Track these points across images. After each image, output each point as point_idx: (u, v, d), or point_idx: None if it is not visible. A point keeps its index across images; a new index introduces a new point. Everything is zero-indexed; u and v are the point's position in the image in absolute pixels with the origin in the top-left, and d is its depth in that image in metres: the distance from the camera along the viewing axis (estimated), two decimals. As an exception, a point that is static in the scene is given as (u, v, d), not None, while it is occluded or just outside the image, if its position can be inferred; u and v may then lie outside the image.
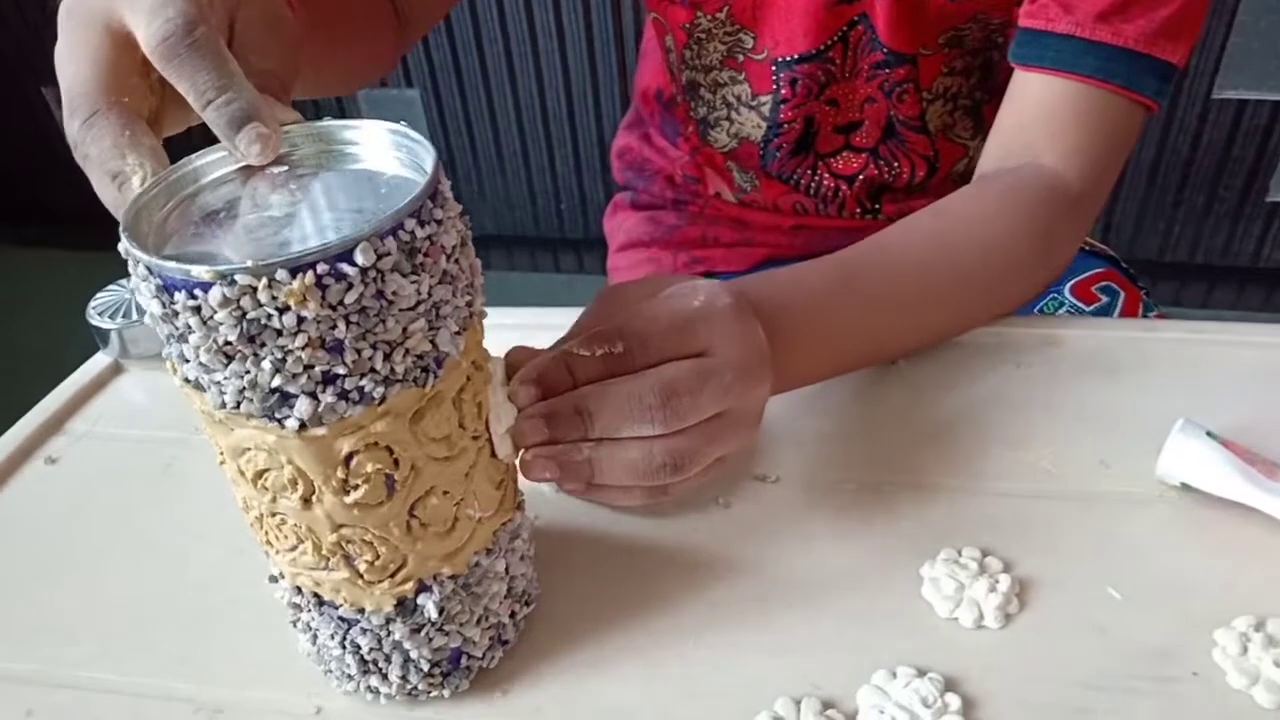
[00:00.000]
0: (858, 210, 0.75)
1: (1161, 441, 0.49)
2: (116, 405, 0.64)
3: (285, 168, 0.36)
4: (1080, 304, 0.71)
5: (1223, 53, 1.49)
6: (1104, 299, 0.72)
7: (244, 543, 0.38)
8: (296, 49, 0.41)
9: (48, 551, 0.53)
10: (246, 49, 0.38)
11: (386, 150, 0.36)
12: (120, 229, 0.32)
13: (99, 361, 0.66)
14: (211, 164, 0.36)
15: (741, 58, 0.69)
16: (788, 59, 0.67)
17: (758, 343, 0.44)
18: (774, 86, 0.69)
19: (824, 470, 0.53)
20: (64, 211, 2.01)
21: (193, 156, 0.36)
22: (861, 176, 0.72)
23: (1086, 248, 0.78)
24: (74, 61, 0.36)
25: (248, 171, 0.36)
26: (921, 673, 0.41)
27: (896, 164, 0.70)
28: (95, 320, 0.64)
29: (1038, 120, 0.58)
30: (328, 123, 0.37)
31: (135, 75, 0.37)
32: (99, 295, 0.66)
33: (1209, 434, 0.48)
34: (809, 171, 0.72)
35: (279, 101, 0.37)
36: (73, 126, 0.36)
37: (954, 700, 0.40)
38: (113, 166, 0.35)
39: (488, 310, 0.39)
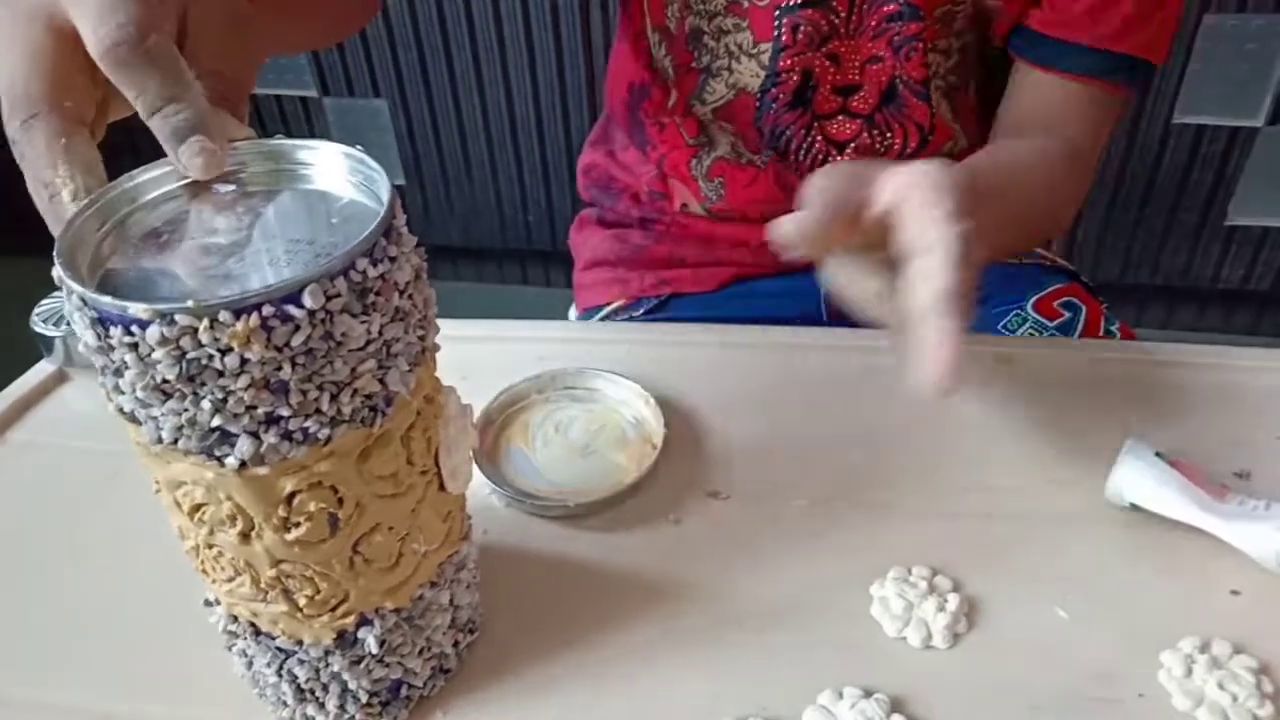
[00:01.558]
0: None
1: (1111, 462, 0.49)
2: (59, 415, 0.62)
3: (233, 187, 0.35)
4: (1043, 319, 0.72)
5: (1182, 78, 1.51)
6: (1066, 314, 0.73)
7: (183, 559, 0.37)
8: (255, 46, 0.40)
9: (-21, 559, 0.51)
10: (199, 48, 0.36)
11: (341, 173, 0.35)
12: (54, 253, 0.30)
13: (42, 370, 0.64)
14: (153, 180, 0.34)
15: (746, 3, 0.68)
16: (791, 4, 0.67)
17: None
18: (775, 33, 0.68)
19: (776, 488, 0.52)
20: (6, 215, 1.98)
21: (134, 172, 0.34)
22: (854, 144, 0.71)
23: (1048, 263, 0.79)
24: (12, 55, 0.34)
25: (194, 189, 0.35)
26: (868, 693, 0.41)
27: (890, 134, 0.70)
28: (39, 327, 0.62)
29: (1053, 106, 0.68)
30: (281, 141, 0.35)
31: (79, 74, 0.35)
32: (43, 302, 0.64)
33: (1158, 454, 0.49)
34: (803, 132, 0.71)
35: (233, 112, 0.36)
36: (11, 126, 0.34)
37: (899, 721, 0.40)
38: (45, 176, 0.33)
39: (452, 321, 0.38)
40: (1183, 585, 0.46)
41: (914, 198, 0.43)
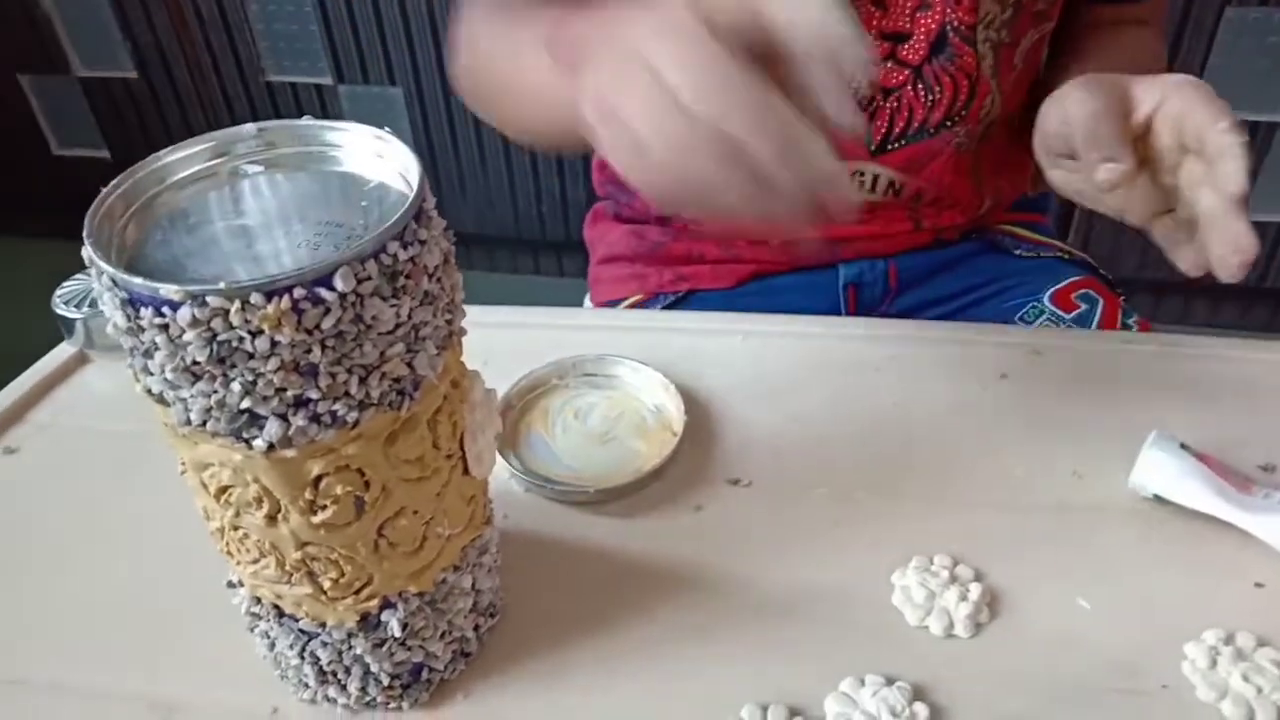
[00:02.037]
0: (873, 139, 0.73)
1: (1135, 453, 0.49)
2: (80, 396, 0.62)
3: (261, 168, 0.35)
4: (1060, 311, 0.72)
5: (1203, 72, 1.50)
6: (1083, 306, 0.72)
7: (205, 541, 0.37)
8: None
9: (3, 544, 0.52)
10: None
11: (369, 155, 0.35)
12: (84, 234, 0.30)
13: (64, 351, 0.65)
14: (181, 160, 0.34)
15: None
16: None
17: None
18: None
19: (797, 476, 0.52)
20: (29, 198, 1.99)
21: (162, 152, 0.34)
22: (899, 94, 0.70)
23: (1065, 256, 0.78)
24: None
25: (221, 170, 0.35)
26: (890, 681, 0.41)
27: (939, 87, 0.68)
28: (61, 310, 0.63)
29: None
30: (309, 122, 0.35)
31: None
32: (65, 284, 0.64)
33: (1183, 446, 0.48)
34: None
35: None
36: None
37: (922, 709, 0.40)
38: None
39: (472, 308, 0.38)
40: (1206, 577, 0.46)
41: (1195, 109, 0.47)
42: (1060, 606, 0.45)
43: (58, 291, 0.63)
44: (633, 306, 0.80)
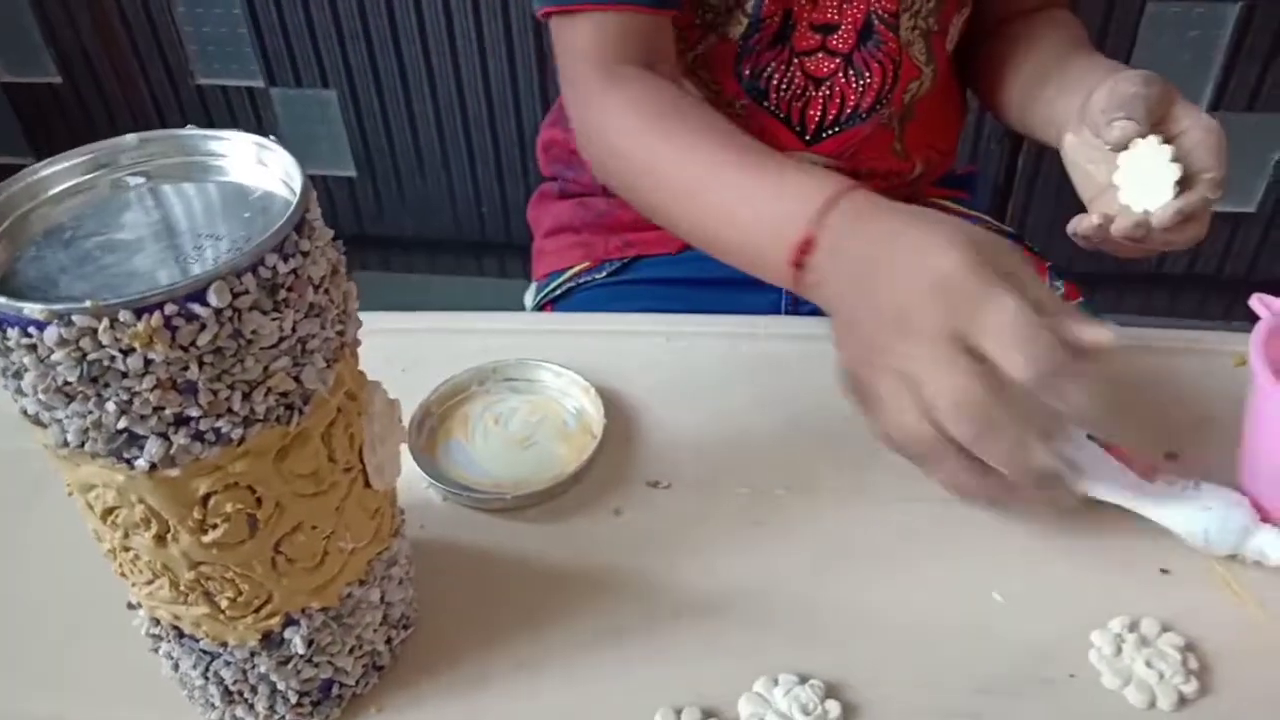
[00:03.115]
0: (808, 129, 0.74)
1: None
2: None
3: (143, 179, 0.34)
4: None
5: (1128, 64, 1.53)
6: None
7: (105, 560, 0.37)
8: None
9: (-100, 566, 0.50)
10: None
11: (253, 163, 0.34)
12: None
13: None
14: (59, 174, 0.33)
15: None
16: None
17: None
18: None
19: (717, 476, 0.52)
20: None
21: (37, 165, 0.33)
22: (830, 82, 0.72)
23: (992, 228, 0.81)
24: None
25: (101, 183, 0.34)
26: (803, 680, 0.41)
27: (868, 73, 0.70)
28: None
29: None
30: (191, 131, 0.34)
31: None
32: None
33: (1089, 437, 0.49)
34: (783, 68, 0.71)
35: None
36: None
37: (834, 707, 0.40)
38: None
39: (395, 314, 0.38)
40: (1115, 566, 0.47)
41: (1206, 152, 0.54)
42: (975, 599, 0.45)
43: None
44: (579, 274, 0.80)
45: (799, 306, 0.78)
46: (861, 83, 0.71)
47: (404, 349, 0.61)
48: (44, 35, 1.77)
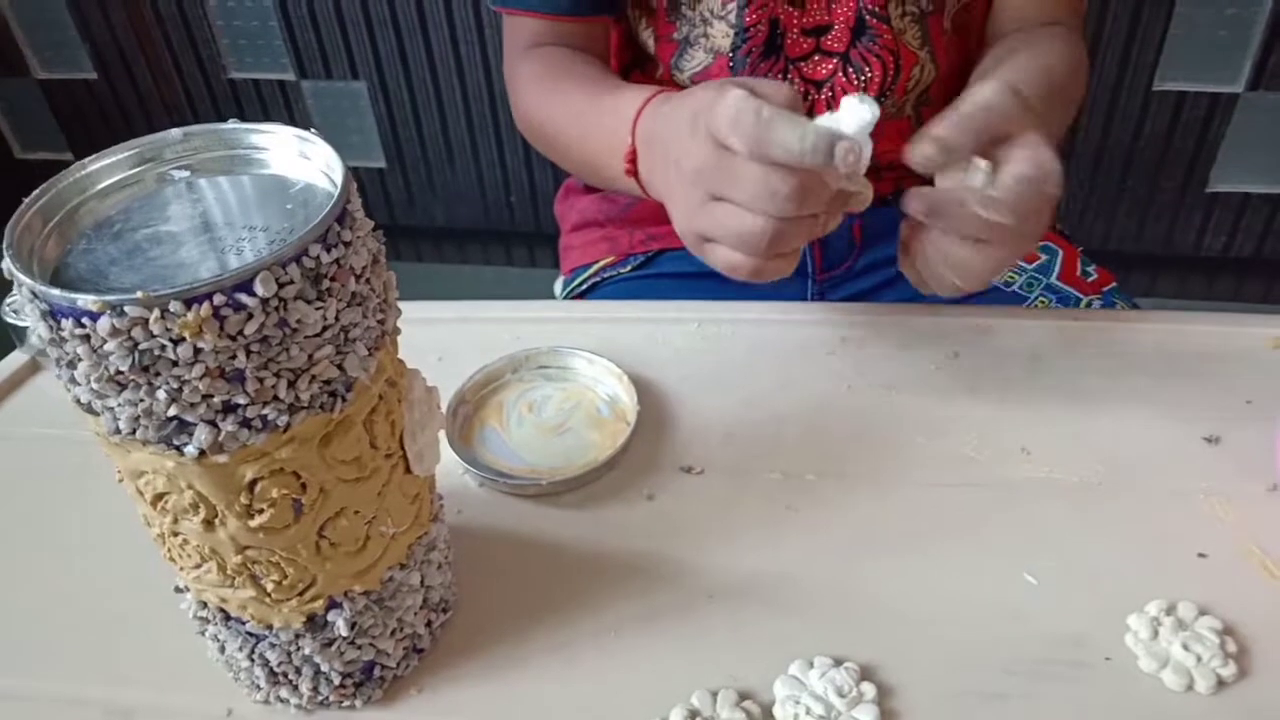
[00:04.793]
0: None
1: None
2: (33, 404, 0.62)
3: (186, 173, 0.35)
4: (1022, 262, 0.74)
5: (1163, 45, 1.51)
6: (1044, 256, 0.75)
7: (154, 545, 0.38)
8: None
9: (-44, 551, 0.51)
10: None
11: (295, 156, 0.34)
12: (3, 246, 0.30)
13: (15, 359, 0.64)
14: (106, 169, 0.34)
15: None
16: None
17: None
18: None
19: (749, 461, 0.53)
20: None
21: (85, 160, 0.34)
22: (830, 83, 0.72)
23: None
24: None
25: (147, 177, 0.35)
26: (838, 662, 0.41)
27: (868, 68, 0.70)
28: (10, 318, 0.62)
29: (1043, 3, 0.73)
30: (234, 125, 0.35)
31: None
32: (14, 293, 0.64)
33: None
34: (780, 76, 0.72)
35: None
36: None
37: (869, 689, 0.40)
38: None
39: (428, 303, 0.38)
40: (1151, 549, 0.46)
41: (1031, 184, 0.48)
42: (1008, 582, 0.45)
43: (7, 300, 0.62)
44: (605, 268, 0.80)
45: (824, 296, 0.78)
46: (862, 78, 0.70)
47: (438, 338, 0.62)
48: (80, 32, 1.80)
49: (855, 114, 0.45)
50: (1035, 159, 0.48)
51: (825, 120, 0.46)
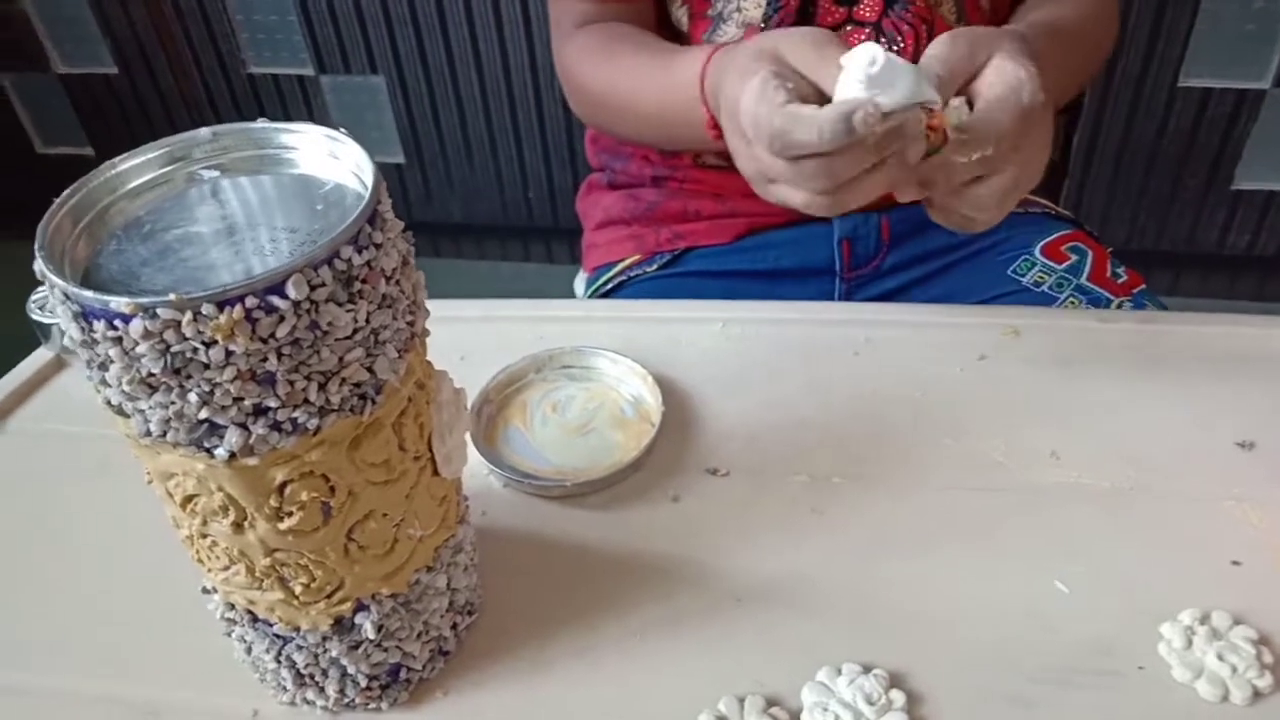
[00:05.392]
0: None
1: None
2: (58, 401, 0.62)
3: (216, 173, 0.34)
4: (1052, 263, 0.73)
5: (1188, 41, 1.49)
6: (1074, 258, 0.74)
7: (183, 544, 0.37)
8: None
9: (-17, 549, 0.52)
10: None
11: (324, 157, 0.34)
12: (36, 246, 0.30)
13: (40, 357, 0.64)
14: (136, 168, 0.34)
15: None
16: None
17: (1051, 126, 0.52)
18: None
19: (775, 463, 0.52)
20: (14, 198, 1.97)
21: (115, 160, 0.34)
22: None
23: (1053, 213, 0.80)
24: None
25: (176, 176, 0.34)
26: (866, 669, 0.41)
27: (900, 38, 0.70)
28: (36, 315, 0.62)
29: None
30: (263, 125, 0.35)
31: None
32: (40, 289, 0.64)
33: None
34: None
35: None
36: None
37: (899, 696, 0.40)
38: None
39: (451, 302, 0.38)
40: (1183, 557, 0.46)
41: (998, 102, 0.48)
42: (1036, 588, 0.45)
43: (33, 297, 0.63)
44: (630, 267, 0.80)
45: (852, 295, 0.77)
46: (895, 49, 0.70)
47: (460, 337, 0.62)
48: (100, 27, 1.81)
49: (859, 68, 0.45)
50: (1000, 76, 0.48)
51: (843, 86, 0.46)
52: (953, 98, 0.48)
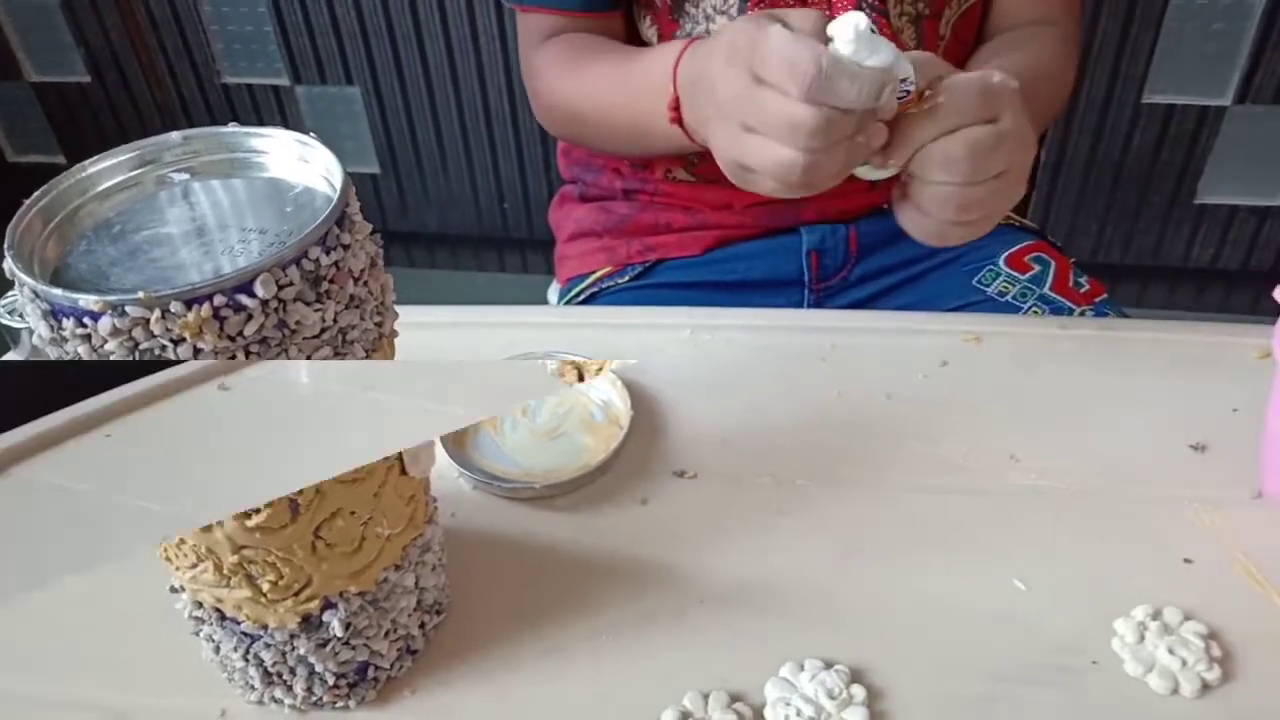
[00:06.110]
0: None
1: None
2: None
3: (186, 175, 0.35)
4: (1015, 273, 0.75)
5: (1151, 58, 1.52)
6: (1037, 268, 0.75)
7: (150, 545, 0.38)
8: None
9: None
10: None
11: (294, 160, 0.35)
12: (4, 246, 0.31)
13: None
14: (106, 170, 0.35)
15: None
16: None
17: (1028, 118, 0.51)
18: None
19: (742, 466, 0.53)
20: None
21: (86, 162, 0.34)
22: None
23: (1016, 224, 0.82)
24: None
25: (146, 179, 0.35)
26: (828, 665, 0.42)
27: None
28: (4, 319, 0.62)
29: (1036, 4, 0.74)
30: (233, 129, 0.35)
31: None
32: (9, 294, 0.64)
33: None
34: None
35: None
36: None
37: (859, 691, 0.41)
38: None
39: (423, 308, 0.39)
40: (1138, 555, 0.47)
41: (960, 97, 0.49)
42: (997, 587, 0.46)
43: (1, 301, 0.63)
44: (602, 279, 0.81)
45: (821, 306, 0.78)
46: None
47: (432, 343, 0.62)
48: (74, 36, 1.80)
49: (847, 27, 0.46)
50: (969, 73, 0.50)
51: (843, 47, 0.46)
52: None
